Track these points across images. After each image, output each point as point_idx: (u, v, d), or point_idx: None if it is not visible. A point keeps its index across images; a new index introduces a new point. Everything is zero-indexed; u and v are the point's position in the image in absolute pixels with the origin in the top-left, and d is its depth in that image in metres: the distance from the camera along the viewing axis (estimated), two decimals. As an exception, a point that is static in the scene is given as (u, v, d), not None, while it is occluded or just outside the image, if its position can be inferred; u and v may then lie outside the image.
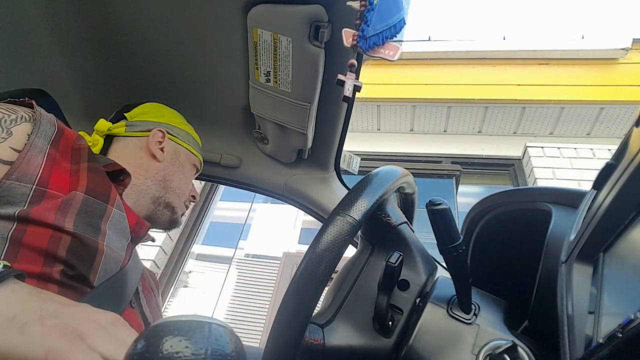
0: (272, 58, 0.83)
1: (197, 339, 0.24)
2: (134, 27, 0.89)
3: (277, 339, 0.37)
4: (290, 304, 0.37)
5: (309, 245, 0.39)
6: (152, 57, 0.96)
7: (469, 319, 0.44)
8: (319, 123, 0.97)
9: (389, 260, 0.43)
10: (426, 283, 0.50)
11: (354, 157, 1.14)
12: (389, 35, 0.66)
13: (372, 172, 0.47)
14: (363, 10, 0.62)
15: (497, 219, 0.60)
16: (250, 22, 0.79)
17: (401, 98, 3.59)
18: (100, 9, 0.87)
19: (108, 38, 0.93)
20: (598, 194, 0.36)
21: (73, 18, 0.90)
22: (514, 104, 3.45)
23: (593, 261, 0.32)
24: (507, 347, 0.40)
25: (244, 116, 1.05)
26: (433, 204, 0.41)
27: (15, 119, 0.60)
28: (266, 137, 1.06)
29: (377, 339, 0.46)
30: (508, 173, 3.59)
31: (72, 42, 0.95)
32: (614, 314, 0.24)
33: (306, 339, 0.44)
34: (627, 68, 3.37)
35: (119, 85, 1.05)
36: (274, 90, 0.89)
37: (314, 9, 0.73)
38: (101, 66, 1.01)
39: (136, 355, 0.24)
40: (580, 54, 3.41)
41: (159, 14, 0.85)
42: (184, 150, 0.90)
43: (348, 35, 0.65)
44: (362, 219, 0.39)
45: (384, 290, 0.45)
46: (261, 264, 3.71)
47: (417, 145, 3.75)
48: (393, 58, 0.66)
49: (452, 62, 3.61)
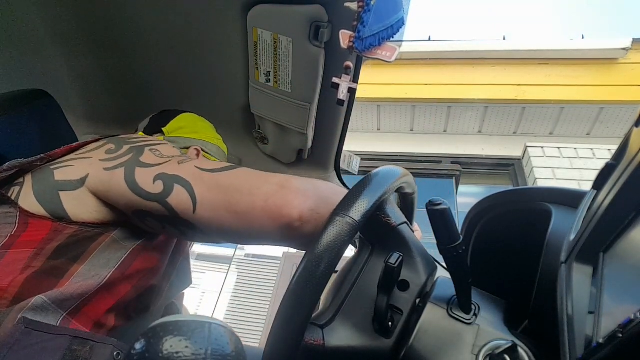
0: (272, 58, 0.83)
1: (197, 339, 0.24)
2: (134, 27, 0.89)
3: (277, 339, 0.37)
4: (290, 304, 0.37)
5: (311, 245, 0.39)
6: (152, 57, 0.96)
7: (469, 319, 0.44)
8: (319, 123, 0.97)
9: (388, 261, 0.43)
10: (426, 283, 0.50)
11: (354, 157, 1.14)
12: (386, 35, 0.66)
13: (371, 173, 0.47)
14: (360, 11, 0.62)
15: (497, 219, 0.60)
16: (250, 22, 0.79)
17: (401, 98, 3.59)
18: (100, 9, 0.87)
19: (108, 38, 0.93)
20: (598, 194, 0.36)
21: (73, 18, 0.90)
22: (514, 104, 3.45)
23: (593, 261, 0.32)
24: (507, 347, 0.40)
25: (244, 116, 1.05)
26: (433, 204, 0.41)
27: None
28: (266, 137, 1.06)
29: (377, 340, 0.46)
30: (508, 173, 3.59)
31: (72, 43, 0.95)
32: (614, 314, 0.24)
33: (306, 340, 0.44)
34: (627, 68, 3.37)
35: (120, 85, 1.05)
36: (274, 90, 0.89)
37: (314, 9, 0.73)
38: (101, 66, 1.01)
39: (136, 355, 0.24)
40: (580, 54, 3.41)
41: (159, 14, 0.85)
42: None
43: (345, 36, 0.65)
44: (362, 219, 0.39)
45: (384, 291, 0.45)
46: (261, 264, 3.70)
47: (417, 145, 3.75)
48: (390, 59, 0.66)
49: (452, 62, 3.61)
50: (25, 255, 0.54)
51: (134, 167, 0.59)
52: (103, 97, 1.08)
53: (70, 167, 0.63)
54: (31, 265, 0.54)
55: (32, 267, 0.54)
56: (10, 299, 0.51)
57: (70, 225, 0.59)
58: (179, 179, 0.57)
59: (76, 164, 0.63)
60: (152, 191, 0.57)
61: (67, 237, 0.58)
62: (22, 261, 0.54)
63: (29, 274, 0.53)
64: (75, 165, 0.63)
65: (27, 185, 0.61)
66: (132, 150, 0.63)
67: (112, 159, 0.62)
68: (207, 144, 0.90)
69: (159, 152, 0.63)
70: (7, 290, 0.51)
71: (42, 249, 0.55)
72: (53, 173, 0.62)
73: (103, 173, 0.60)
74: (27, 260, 0.54)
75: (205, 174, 0.57)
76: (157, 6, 0.84)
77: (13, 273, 0.52)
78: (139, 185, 0.57)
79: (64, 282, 0.54)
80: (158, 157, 0.61)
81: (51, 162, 0.65)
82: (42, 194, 0.59)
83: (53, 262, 0.55)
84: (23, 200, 0.59)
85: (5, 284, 0.51)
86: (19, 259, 0.54)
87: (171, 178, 0.57)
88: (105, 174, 0.60)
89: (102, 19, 0.89)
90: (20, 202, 0.58)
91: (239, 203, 0.54)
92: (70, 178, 0.61)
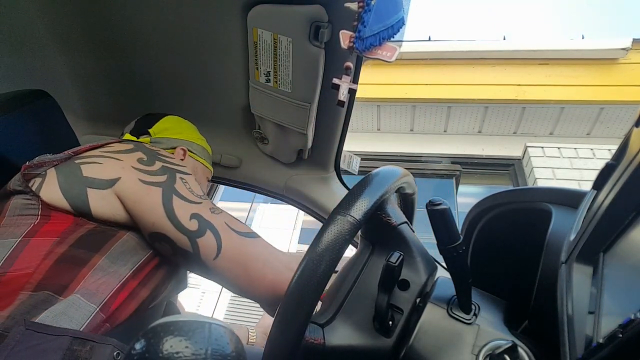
0: (272, 58, 0.83)
1: (197, 339, 0.24)
2: (134, 27, 0.89)
3: (277, 339, 0.37)
4: (290, 304, 0.37)
5: (310, 245, 0.39)
6: (152, 58, 0.96)
7: (469, 319, 0.44)
8: (319, 123, 0.97)
9: (389, 260, 0.43)
10: (426, 283, 0.50)
11: (354, 157, 1.14)
12: (386, 35, 0.66)
13: (372, 172, 0.47)
14: (360, 11, 0.62)
15: (497, 219, 0.60)
16: (250, 22, 0.79)
17: (401, 98, 3.59)
18: (100, 9, 0.87)
19: (108, 38, 0.93)
20: (598, 194, 0.36)
21: (73, 18, 0.90)
22: (514, 104, 3.45)
23: (593, 261, 0.32)
24: (507, 347, 0.40)
25: (244, 116, 1.05)
26: (433, 204, 0.41)
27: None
28: (266, 137, 1.06)
29: (377, 339, 0.46)
30: (508, 173, 3.59)
31: (72, 43, 0.95)
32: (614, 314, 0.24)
33: (306, 339, 0.44)
34: (627, 68, 3.37)
35: (119, 86, 1.05)
36: (274, 90, 0.89)
37: (314, 9, 0.73)
38: (101, 66, 1.01)
39: (136, 355, 0.24)
40: (580, 54, 3.40)
41: (158, 14, 0.85)
42: (200, 165, 0.93)
43: (345, 36, 0.65)
44: (363, 218, 0.39)
45: (384, 290, 0.45)
46: (261, 264, 3.70)
47: (417, 145, 3.75)
48: (390, 59, 0.66)
49: (452, 62, 3.60)
50: (49, 242, 0.57)
51: (171, 194, 0.64)
52: (103, 97, 1.08)
53: (98, 164, 0.64)
54: (54, 251, 0.56)
55: (55, 252, 0.56)
56: (35, 284, 0.53)
57: (90, 221, 0.62)
58: (212, 226, 0.63)
59: (105, 162, 0.65)
60: (187, 226, 0.62)
61: (87, 230, 0.60)
62: (45, 247, 0.56)
63: (52, 260, 0.56)
64: (104, 164, 0.65)
65: (51, 178, 0.62)
66: (166, 172, 0.67)
67: (147, 173, 0.65)
68: (192, 144, 0.93)
69: (188, 185, 0.68)
70: (33, 276, 0.54)
71: (64, 238, 0.58)
72: (80, 168, 0.63)
73: (138, 184, 0.63)
74: (50, 247, 0.57)
75: (234, 234, 0.65)
76: (157, 6, 0.84)
77: (37, 258, 0.55)
78: (176, 215, 0.62)
79: (86, 272, 0.57)
80: (190, 193, 0.66)
81: (75, 157, 0.66)
82: (69, 188, 0.61)
83: (75, 251, 0.58)
84: (45, 192, 0.60)
85: (31, 270, 0.54)
86: (43, 245, 0.57)
87: (206, 222, 0.63)
88: (141, 186, 0.63)
89: (102, 19, 0.89)
90: (42, 194, 0.60)
91: (254, 269, 0.63)
92: (100, 177, 0.63)
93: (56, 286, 0.54)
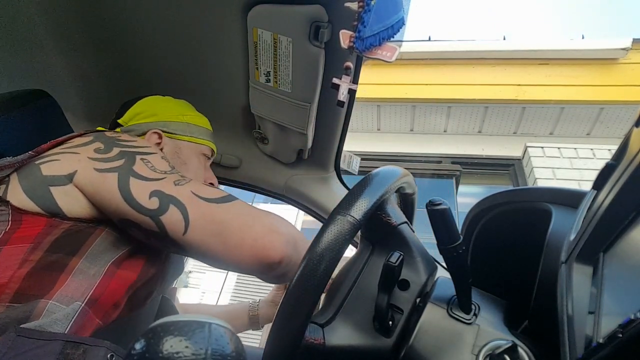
0: (272, 58, 0.83)
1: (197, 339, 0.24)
2: (134, 27, 0.89)
3: (277, 339, 0.37)
4: (290, 304, 0.37)
5: (310, 245, 0.39)
6: (152, 57, 0.96)
7: (469, 319, 0.44)
8: (319, 123, 0.97)
9: (389, 260, 0.43)
10: (426, 283, 0.50)
11: (354, 157, 1.14)
12: (386, 35, 0.66)
13: (372, 172, 0.47)
14: (360, 11, 0.62)
15: (497, 219, 0.60)
16: (250, 22, 0.79)
17: (401, 98, 3.59)
18: (101, 9, 0.87)
19: (108, 38, 0.93)
20: (598, 194, 0.36)
21: (73, 18, 0.90)
22: (514, 104, 3.45)
23: (593, 261, 0.32)
24: (507, 347, 0.40)
25: (244, 116, 1.05)
26: (433, 204, 0.41)
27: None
28: (266, 137, 1.06)
29: (377, 339, 0.46)
30: (508, 173, 3.59)
31: (72, 42, 0.95)
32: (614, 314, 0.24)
33: (306, 339, 0.44)
34: (627, 68, 3.37)
35: (119, 85, 1.05)
36: (274, 90, 0.89)
37: (314, 9, 0.73)
38: (101, 66, 1.01)
39: (136, 355, 0.24)
40: (580, 54, 3.41)
41: (158, 14, 0.85)
42: (185, 144, 0.86)
43: (345, 36, 0.65)
44: (363, 218, 0.39)
45: (384, 290, 0.45)
46: (261, 264, 3.69)
47: (417, 145, 3.75)
48: (390, 59, 0.66)
49: (452, 62, 3.61)
50: (22, 250, 0.55)
51: (128, 177, 0.60)
52: (103, 97, 1.08)
53: (57, 161, 0.62)
54: (29, 259, 0.54)
55: (30, 260, 0.54)
56: (11, 294, 0.51)
57: (65, 220, 0.59)
58: (175, 200, 0.58)
59: (62, 158, 0.63)
60: (147, 206, 0.58)
61: (62, 232, 0.58)
62: (19, 255, 0.54)
63: (28, 269, 0.53)
64: (62, 160, 0.62)
65: (14, 182, 0.60)
66: (123, 156, 0.63)
67: (103, 160, 0.62)
68: (169, 124, 0.86)
69: (151, 164, 0.63)
70: (8, 285, 0.51)
71: (38, 243, 0.56)
72: (39, 168, 0.61)
73: (93, 173, 0.60)
74: (25, 255, 0.54)
75: (202, 202, 0.59)
76: (157, 6, 0.84)
77: (11, 268, 0.53)
78: (134, 197, 0.58)
79: (65, 278, 0.55)
80: (152, 171, 0.62)
81: (35, 158, 0.64)
82: (31, 190, 0.59)
83: (51, 257, 0.55)
84: (12, 197, 0.59)
85: (5, 280, 0.52)
86: (15, 254, 0.54)
87: (167, 197, 0.58)
88: (96, 175, 0.60)
89: (103, 19, 0.89)
90: (10, 199, 0.58)
91: (230, 237, 0.57)
92: (58, 173, 0.61)
93: (34, 297, 0.52)
